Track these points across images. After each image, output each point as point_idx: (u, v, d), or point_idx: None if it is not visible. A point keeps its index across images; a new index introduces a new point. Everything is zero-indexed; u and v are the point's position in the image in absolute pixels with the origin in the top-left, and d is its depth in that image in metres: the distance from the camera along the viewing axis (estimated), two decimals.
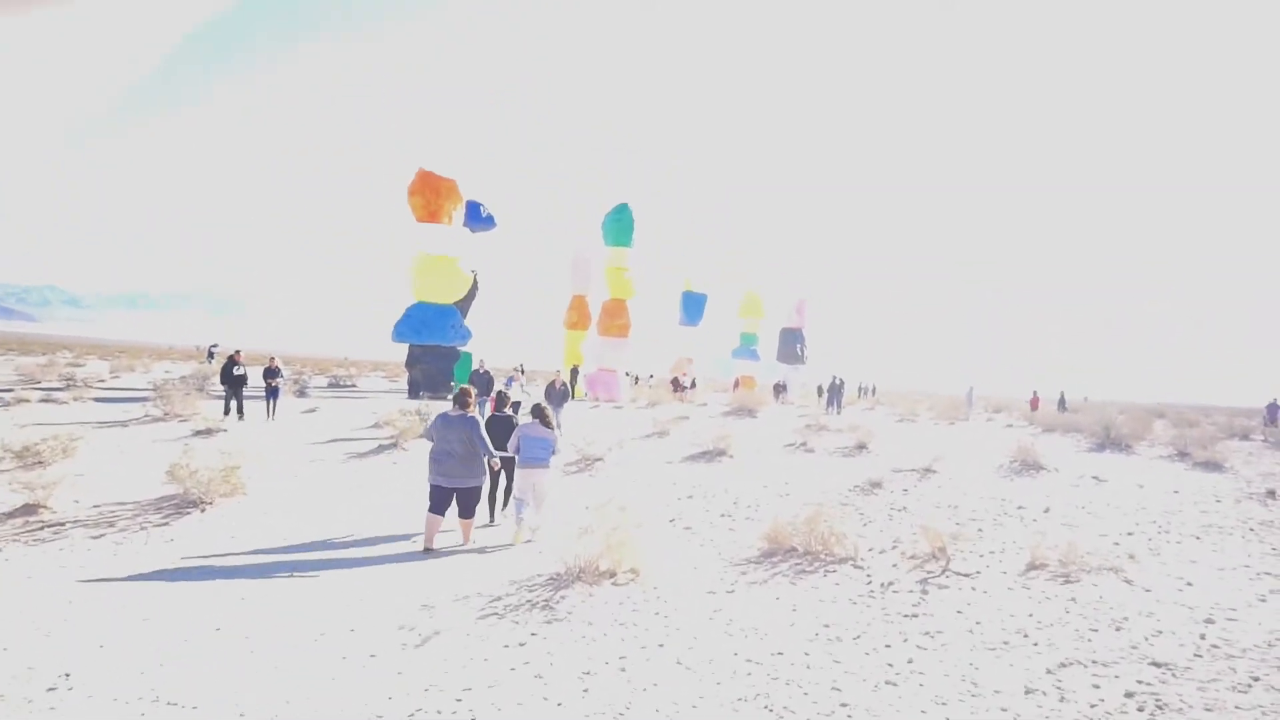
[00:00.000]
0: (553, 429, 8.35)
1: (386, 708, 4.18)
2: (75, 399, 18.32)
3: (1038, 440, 15.04)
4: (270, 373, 16.95)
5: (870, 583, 6.74)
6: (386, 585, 6.39)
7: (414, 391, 27.75)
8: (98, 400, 18.81)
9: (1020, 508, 10.00)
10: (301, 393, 24.32)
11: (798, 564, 7.22)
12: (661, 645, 5.25)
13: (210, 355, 35.79)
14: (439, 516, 7.68)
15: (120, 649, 4.83)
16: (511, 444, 8.18)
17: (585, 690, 4.49)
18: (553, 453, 8.27)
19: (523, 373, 16.25)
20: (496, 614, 5.71)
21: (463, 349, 29.67)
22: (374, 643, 5.09)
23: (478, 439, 7.65)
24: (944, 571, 6.99)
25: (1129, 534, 8.82)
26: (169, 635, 5.09)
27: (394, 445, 13.42)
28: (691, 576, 6.88)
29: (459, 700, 4.30)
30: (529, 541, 8.09)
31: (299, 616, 5.52)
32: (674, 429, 17.48)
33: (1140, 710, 4.37)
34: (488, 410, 10.49)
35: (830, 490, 10.97)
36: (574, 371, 35.83)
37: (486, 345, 34.80)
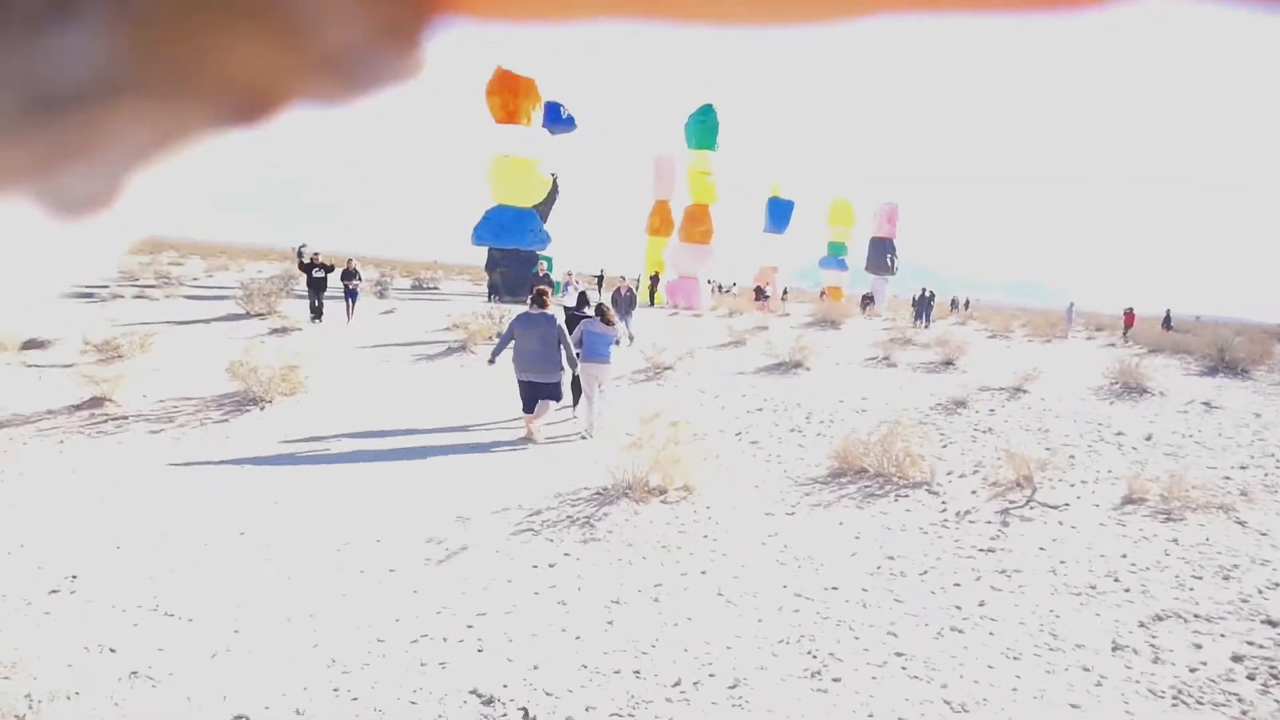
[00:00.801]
0: (614, 325, 8.82)
1: (390, 631, 3.97)
2: (167, 296, 18.92)
3: (1142, 361, 13.94)
4: (348, 274, 17.04)
5: (945, 511, 6.24)
6: (427, 492, 6.25)
7: (493, 295, 27.82)
8: (188, 298, 19.39)
9: (1119, 434, 9.23)
10: (382, 294, 24.61)
11: (867, 486, 6.76)
12: (704, 573, 4.90)
13: (300, 255, 36.54)
14: (532, 415, 8.16)
15: (136, 552, 4.77)
16: (574, 338, 8.57)
17: (609, 623, 4.19)
18: (614, 345, 8.83)
19: (573, 278, 15.95)
20: (532, 529, 5.46)
21: (542, 253, 29.47)
22: (397, 556, 4.91)
23: (557, 336, 8.09)
24: (1028, 502, 6.43)
25: (1242, 468, 8.02)
26: (189, 539, 5.02)
27: (463, 348, 13.35)
28: (750, 496, 6.52)
29: (469, 627, 4.05)
30: (587, 437, 8.51)
31: (327, 523, 5.40)
32: (751, 339, 16.98)
33: (1250, 678, 3.82)
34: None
35: (910, 408, 10.38)
36: (654, 278, 35.38)
37: (568, 250, 34.63)
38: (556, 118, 31.23)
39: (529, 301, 8.29)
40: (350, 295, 16.75)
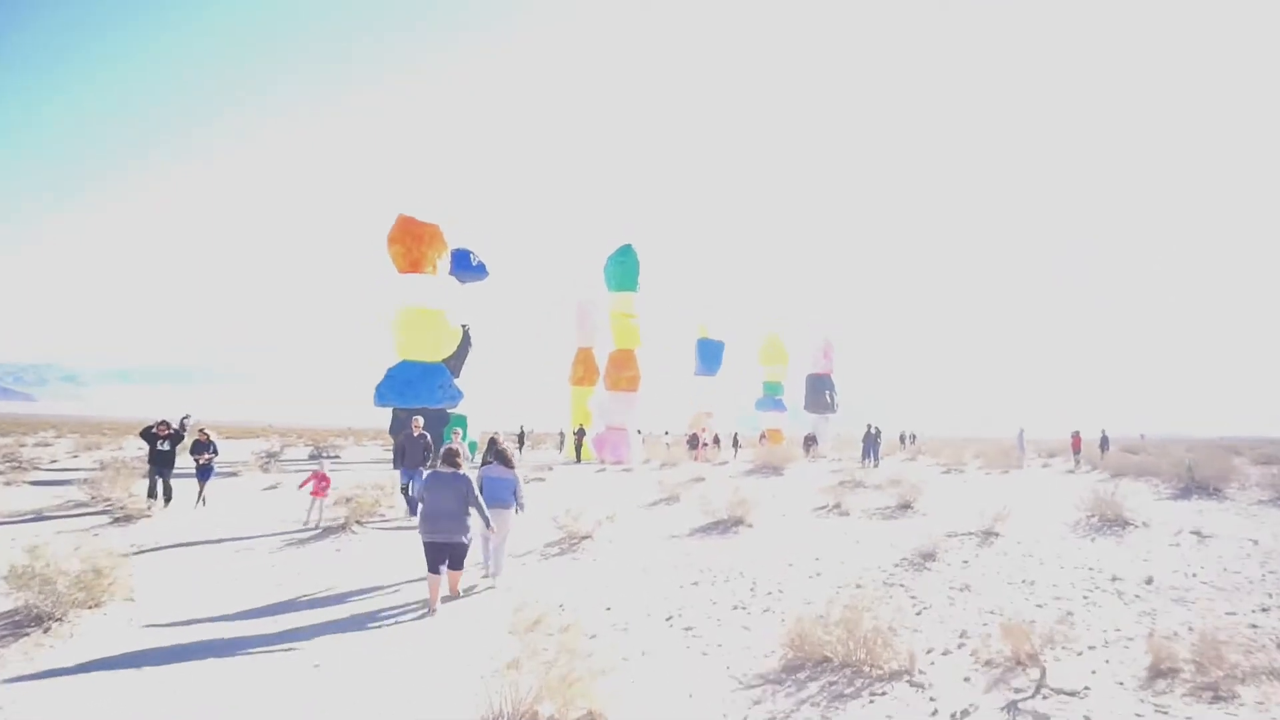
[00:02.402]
0: (514, 469, 9.17)
1: None
2: (6, 484, 17.00)
3: (1107, 487, 13.31)
4: (198, 446, 15.21)
5: (936, 714, 5.03)
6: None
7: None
8: (34, 483, 17.48)
9: (1115, 579, 8.27)
10: (266, 467, 22.85)
11: (833, 683, 5.51)
12: None
13: (182, 429, 34.42)
14: (438, 576, 8.01)
15: None
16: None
17: None
18: (515, 493, 9.09)
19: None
20: None
21: (454, 411, 28.20)
22: None
23: (471, 496, 8.14)
24: (1038, 689, 5.27)
25: (1264, 610, 7.10)
26: None
27: (343, 528, 11.88)
28: (684, 712, 5.20)
29: None
30: (491, 588, 8.70)
31: None
32: (686, 493, 15.87)
33: None
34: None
35: (871, 566, 9.28)
36: (580, 432, 34.30)
37: (482, 407, 33.45)
38: (466, 265, 30.83)
39: (440, 461, 8.43)
40: (202, 474, 15.03)
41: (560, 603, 7.84)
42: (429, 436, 13.70)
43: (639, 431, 35.46)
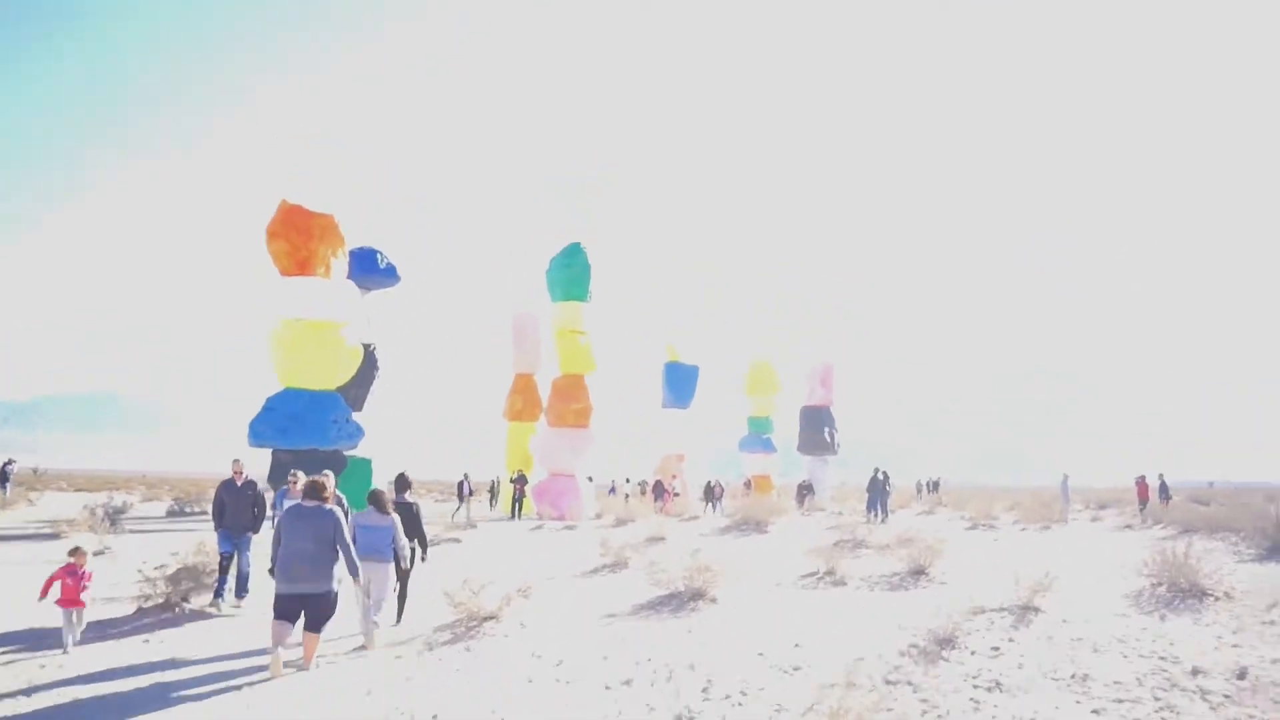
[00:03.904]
0: (389, 515, 9.52)
1: None
2: None
3: (1177, 546, 12.61)
4: None
5: None
6: None
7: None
8: None
9: (1195, 673, 7.47)
10: (113, 524, 21.52)
11: None
12: None
13: (4, 477, 32.95)
14: (285, 625, 8.03)
15: None
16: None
17: None
18: (389, 543, 9.35)
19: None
20: None
21: (352, 453, 27.03)
22: None
23: (339, 537, 8.18)
24: None
25: None
26: None
27: (169, 606, 10.80)
28: None
29: None
30: (363, 649, 9.07)
31: None
32: (637, 558, 14.96)
33: None
34: None
35: (869, 654, 8.41)
36: (520, 479, 33.01)
37: (392, 448, 32.32)
38: (371, 267, 29.80)
39: (302, 494, 8.58)
40: None
41: (434, 713, 6.86)
42: (258, 485, 12.16)
43: (590, 479, 34.46)
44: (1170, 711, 6.58)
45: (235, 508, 11.69)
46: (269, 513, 12.26)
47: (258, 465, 24.52)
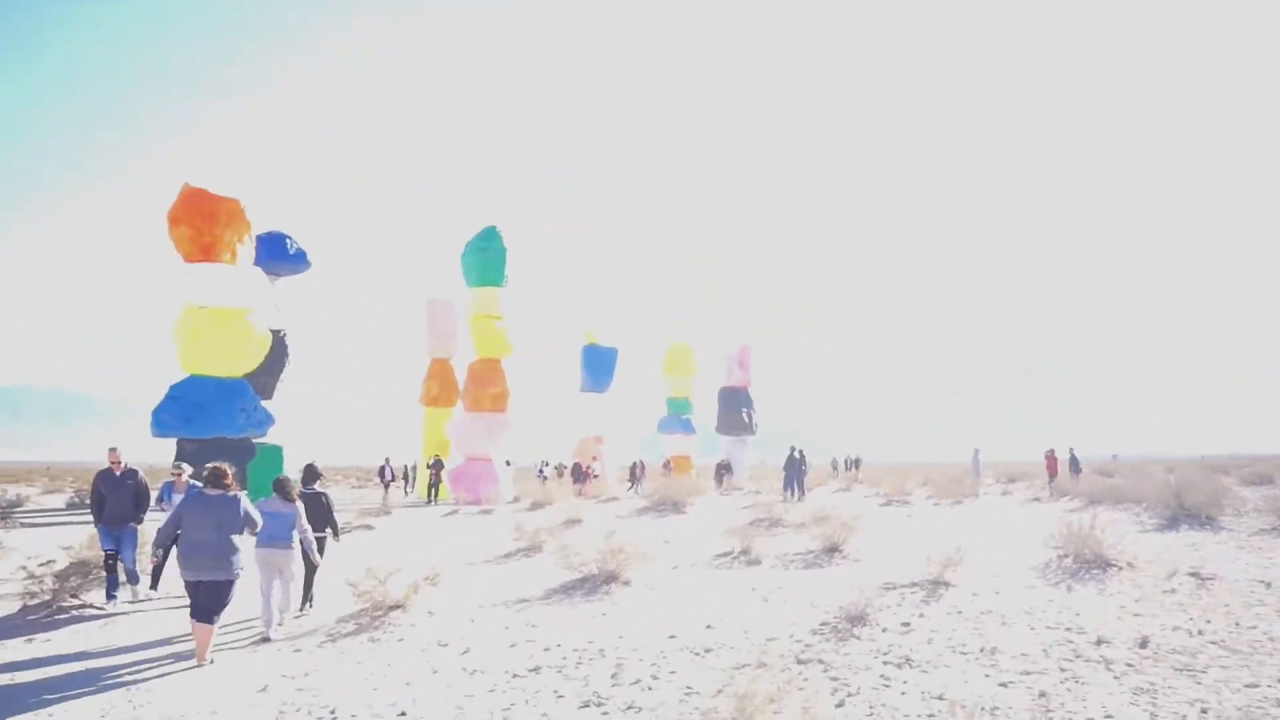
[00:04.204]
0: (294, 503, 9.56)
1: None
2: None
3: (1083, 518, 12.83)
4: None
5: None
6: None
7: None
8: None
9: (1100, 642, 7.52)
10: (2, 518, 20.55)
11: None
12: None
13: None
14: (209, 626, 8.12)
15: None
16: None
17: None
18: (293, 529, 9.40)
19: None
20: None
21: (261, 441, 26.30)
22: None
23: (237, 523, 8.27)
24: None
25: None
26: None
27: (56, 604, 10.28)
28: None
29: None
30: (269, 640, 8.99)
31: None
32: (551, 541, 14.76)
33: None
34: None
35: (782, 634, 8.33)
36: (436, 464, 32.63)
37: (305, 436, 31.61)
38: (280, 253, 29.08)
39: (204, 481, 8.51)
40: None
41: (331, 708, 6.58)
42: (139, 474, 11.32)
43: (508, 463, 34.15)
44: (1075, 682, 6.59)
45: (115, 499, 10.99)
46: (153, 505, 11.55)
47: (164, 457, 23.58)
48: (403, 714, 6.50)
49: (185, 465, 12.50)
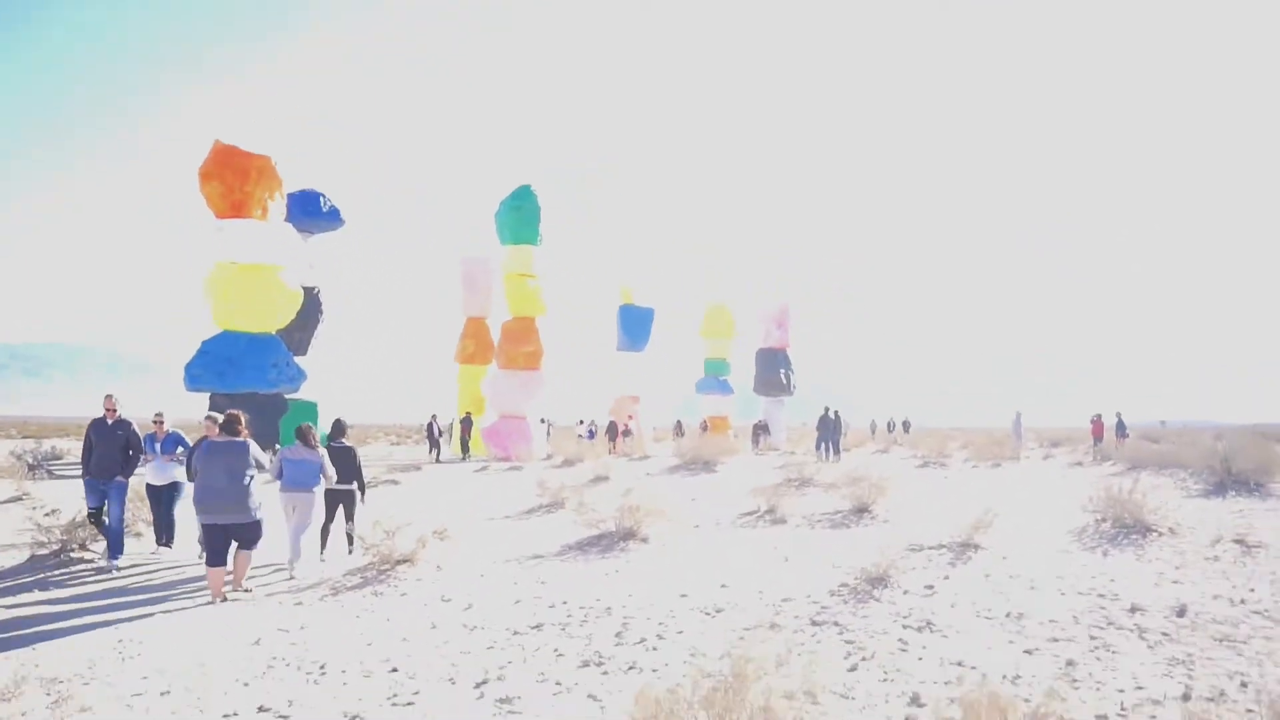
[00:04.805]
0: (317, 449, 9.95)
1: None
2: None
3: (1124, 482, 12.31)
4: None
5: None
6: None
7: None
8: None
9: (1134, 610, 7.10)
10: (33, 470, 20.71)
11: None
12: None
13: None
14: (219, 569, 8.44)
15: None
16: (274, 469, 9.70)
17: None
18: (316, 475, 9.82)
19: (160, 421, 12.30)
20: None
21: (294, 397, 26.31)
22: None
23: (246, 466, 8.58)
24: None
25: None
26: None
27: (63, 554, 10.22)
28: None
29: None
30: (292, 579, 9.43)
31: None
32: (575, 498, 14.50)
33: None
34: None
35: (798, 595, 7.98)
36: (467, 421, 32.65)
37: (338, 392, 31.66)
38: (313, 210, 28.99)
39: (219, 428, 8.87)
40: None
41: (321, 663, 6.34)
42: (132, 426, 10.55)
43: (544, 421, 34.03)
44: (1106, 650, 6.19)
45: (103, 450, 10.24)
46: (145, 456, 10.83)
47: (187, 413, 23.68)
48: (394, 670, 6.24)
49: (216, 415, 11.85)
